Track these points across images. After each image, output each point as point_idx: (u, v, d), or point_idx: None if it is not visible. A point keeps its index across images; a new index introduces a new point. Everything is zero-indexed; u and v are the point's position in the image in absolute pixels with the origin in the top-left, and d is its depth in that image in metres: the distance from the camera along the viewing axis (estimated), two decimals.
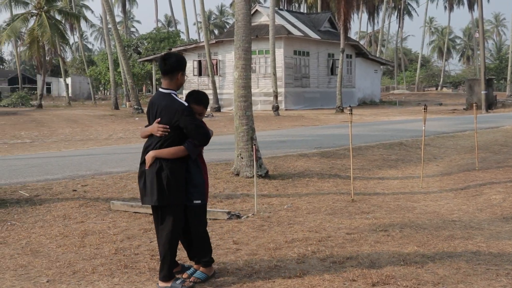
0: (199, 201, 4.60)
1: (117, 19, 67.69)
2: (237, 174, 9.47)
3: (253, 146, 7.85)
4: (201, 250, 4.69)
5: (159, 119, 4.45)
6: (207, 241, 4.72)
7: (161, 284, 4.48)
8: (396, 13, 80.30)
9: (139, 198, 7.86)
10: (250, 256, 5.26)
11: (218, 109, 35.96)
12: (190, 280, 4.59)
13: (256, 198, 7.32)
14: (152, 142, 4.51)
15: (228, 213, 6.89)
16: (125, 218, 6.91)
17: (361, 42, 69.38)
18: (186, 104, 4.45)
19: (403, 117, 28.76)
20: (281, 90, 36.49)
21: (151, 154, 4.44)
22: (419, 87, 78.80)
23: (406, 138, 15.92)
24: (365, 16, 79.20)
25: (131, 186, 8.75)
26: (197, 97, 4.60)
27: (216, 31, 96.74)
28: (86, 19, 61.10)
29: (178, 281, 4.48)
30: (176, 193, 4.45)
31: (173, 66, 4.51)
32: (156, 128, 4.44)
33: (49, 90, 69.59)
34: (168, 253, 4.48)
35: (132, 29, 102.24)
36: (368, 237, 5.86)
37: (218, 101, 36.69)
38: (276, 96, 31.43)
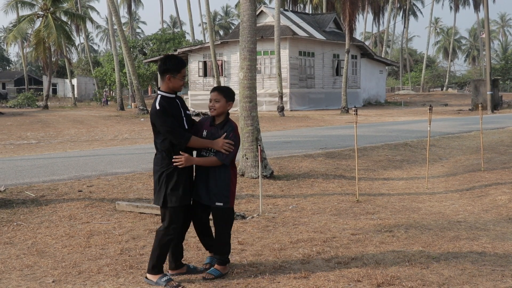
0: (221, 204, 4.70)
1: (123, 20, 67.92)
2: (242, 175, 9.48)
3: (258, 147, 7.85)
4: (219, 247, 4.80)
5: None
6: (227, 242, 4.83)
7: (148, 276, 4.63)
8: (401, 14, 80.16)
9: (144, 199, 7.92)
10: (255, 256, 5.26)
11: None
12: (204, 276, 4.70)
13: (261, 199, 7.33)
14: None
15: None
16: (130, 218, 6.93)
17: (366, 43, 69.27)
18: (158, 107, 4.48)
19: (408, 118, 28.69)
20: (286, 90, 36.50)
21: (192, 160, 4.59)
22: (425, 87, 78.61)
23: (411, 138, 15.89)
24: (370, 16, 79.57)
25: (137, 186, 8.77)
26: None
27: (221, 32, 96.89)
28: (91, 20, 61.29)
29: (164, 279, 4.56)
30: (170, 196, 4.53)
31: (161, 68, 4.61)
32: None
33: (55, 91, 69.86)
34: (157, 248, 4.59)
35: (138, 30, 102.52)
36: (373, 237, 5.85)
37: None
38: (281, 97, 31.43)
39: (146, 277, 4.63)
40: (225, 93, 4.74)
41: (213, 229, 4.93)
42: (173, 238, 4.63)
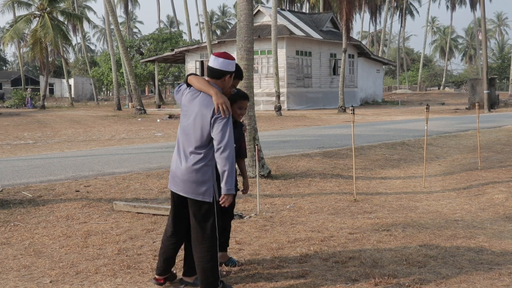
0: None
1: (120, 20, 67.98)
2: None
3: (256, 146, 7.85)
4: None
5: None
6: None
7: (184, 278, 4.60)
8: (398, 13, 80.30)
9: (141, 199, 7.91)
10: (253, 256, 5.26)
11: None
12: (224, 270, 4.74)
13: (258, 198, 7.33)
14: None
15: None
16: (128, 218, 6.92)
17: (363, 42, 69.37)
18: None
19: (405, 117, 28.73)
20: (283, 90, 36.49)
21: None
22: (421, 86, 78.73)
23: (409, 137, 15.91)
24: (367, 16, 79.26)
25: (134, 186, 8.76)
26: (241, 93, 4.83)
27: (218, 32, 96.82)
28: (88, 20, 61.21)
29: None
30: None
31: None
32: None
33: (52, 91, 69.75)
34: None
35: (135, 30, 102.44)
36: (371, 236, 5.86)
37: None
38: (278, 96, 31.43)
39: (182, 279, 4.61)
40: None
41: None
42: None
